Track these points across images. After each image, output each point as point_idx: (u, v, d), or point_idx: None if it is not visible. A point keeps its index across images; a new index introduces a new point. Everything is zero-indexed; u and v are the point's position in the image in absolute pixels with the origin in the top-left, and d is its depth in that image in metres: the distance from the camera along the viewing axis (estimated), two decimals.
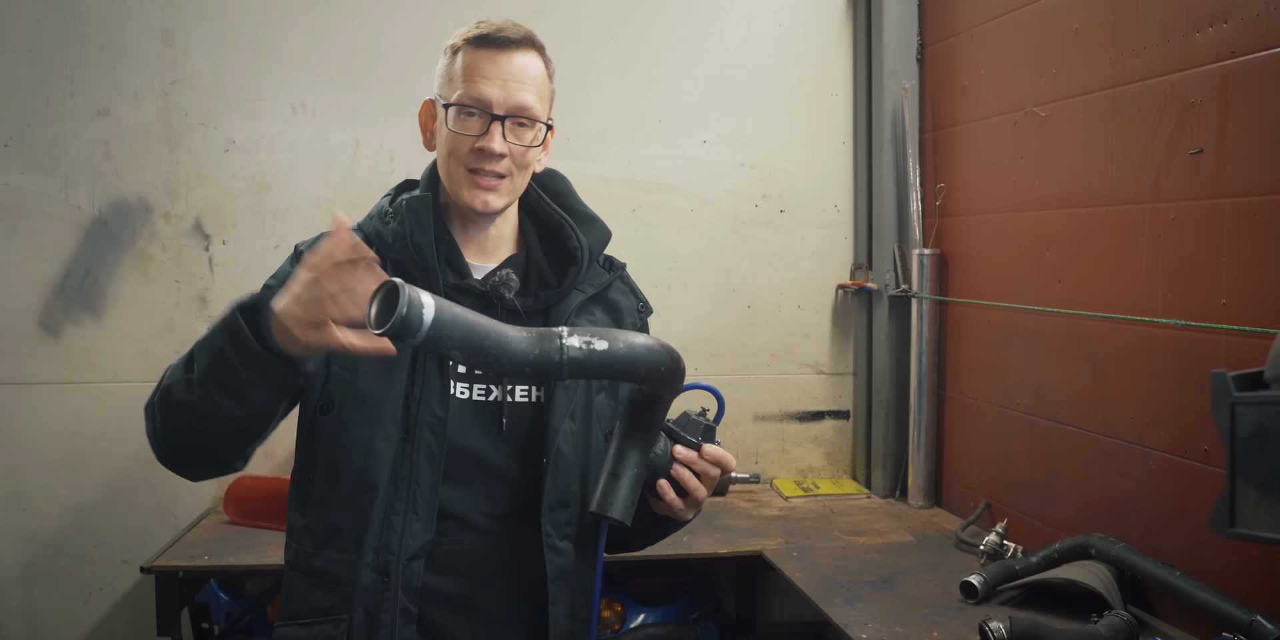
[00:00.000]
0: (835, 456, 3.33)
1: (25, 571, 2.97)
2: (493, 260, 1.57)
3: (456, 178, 1.49)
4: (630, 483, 1.30)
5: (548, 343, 1.13)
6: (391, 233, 1.51)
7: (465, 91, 1.46)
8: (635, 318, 1.64)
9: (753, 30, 3.17)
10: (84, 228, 2.91)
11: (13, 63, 2.86)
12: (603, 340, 1.16)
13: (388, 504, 1.44)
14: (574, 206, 1.64)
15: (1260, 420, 0.89)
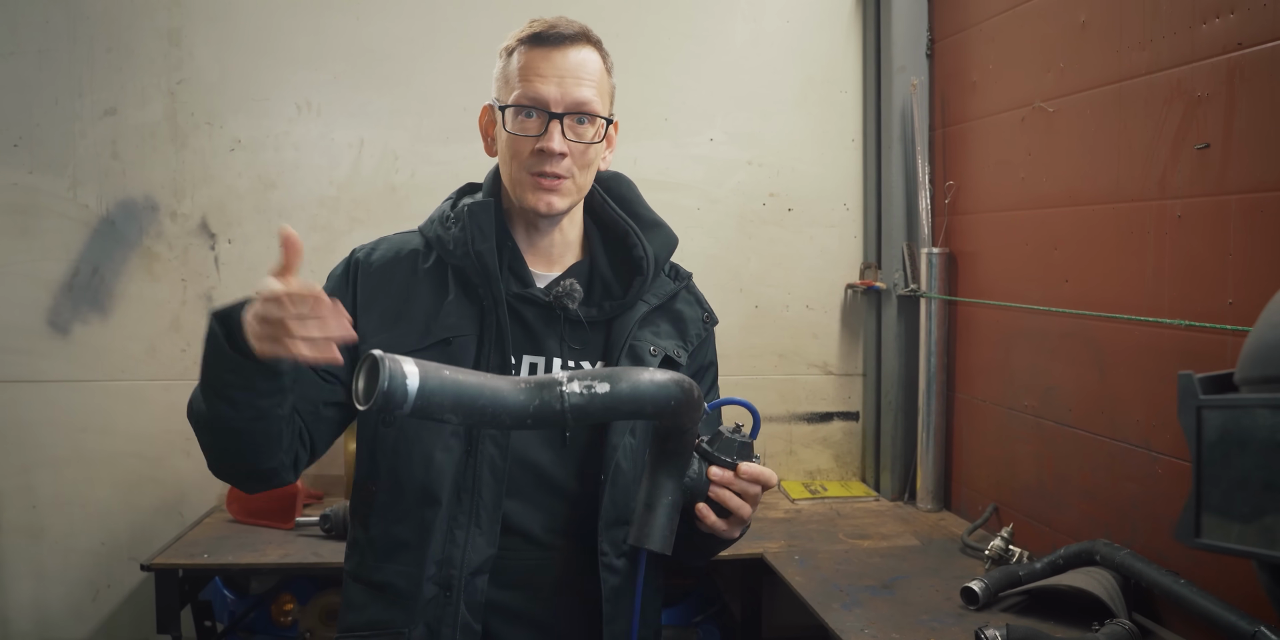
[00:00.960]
0: (844, 458, 3.28)
1: (34, 568, 2.99)
2: (558, 268, 1.55)
3: (519, 181, 1.46)
4: (666, 511, 1.29)
5: (547, 392, 1.12)
6: (453, 239, 1.49)
7: (522, 91, 1.43)
8: (700, 328, 1.63)
9: (760, 27, 3.13)
10: (92, 227, 2.93)
11: (21, 64, 2.88)
12: (604, 383, 1.14)
13: (451, 517, 1.44)
14: (640, 212, 1.61)
15: (1226, 424, 0.85)
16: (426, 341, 1.46)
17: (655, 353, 1.53)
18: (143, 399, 2.97)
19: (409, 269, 1.52)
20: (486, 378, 1.11)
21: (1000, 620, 2.05)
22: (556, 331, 1.51)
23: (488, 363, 1.46)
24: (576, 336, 1.52)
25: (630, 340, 1.51)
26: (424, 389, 1.04)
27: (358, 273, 1.53)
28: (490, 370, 1.45)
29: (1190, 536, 0.86)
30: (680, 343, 1.58)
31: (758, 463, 1.38)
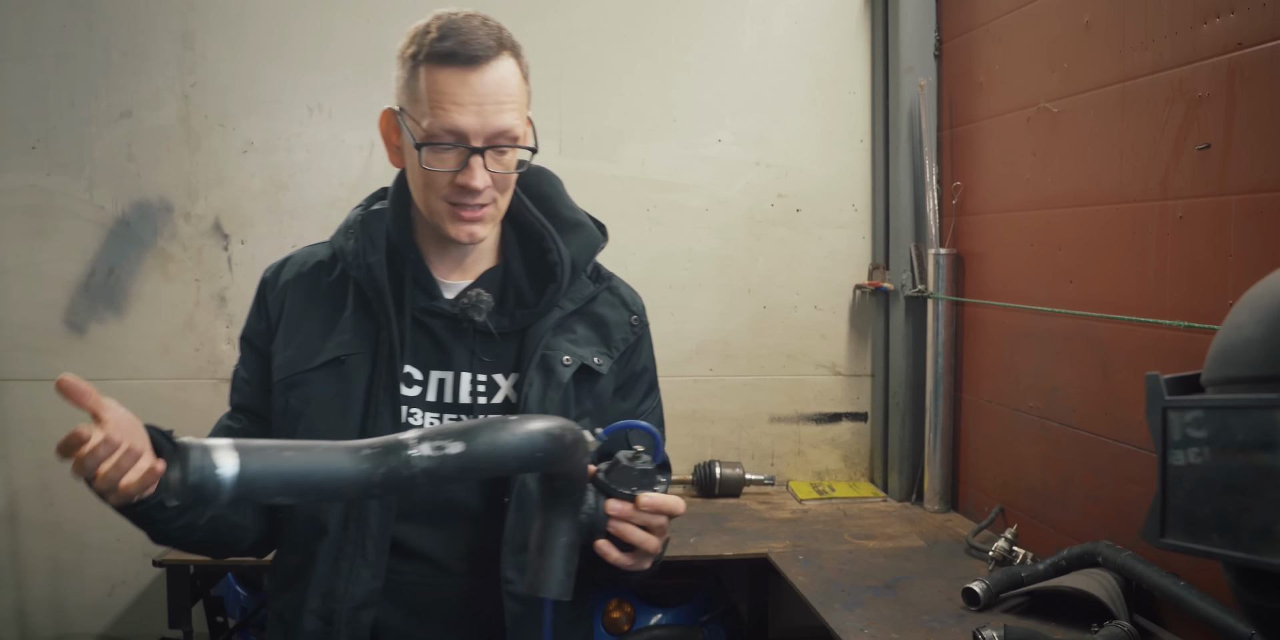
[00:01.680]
0: (853, 459, 3.28)
1: (51, 563, 3.04)
2: (470, 275, 1.45)
3: (436, 210, 1.35)
4: (562, 553, 1.17)
5: (393, 457, 1.00)
6: (350, 251, 1.41)
7: (436, 123, 1.29)
8: (627, 332, 1.49)
9: (769, 28, 3.14)
10: (107, 228, 2.98)
11: (40, 67, 2.93)
12: (458, 442, 1.02)
13: (338, 547, 1.35)
14: (560, 211, 1.48)
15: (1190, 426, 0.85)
16: (318, 360, 1.38)
17: (569, 363, 1.41)
18: (157, 398, 3.01)
19: (312, 284, 1.44)
20: (322, 451, 1.00)
21: (1001, 621, 2.05)
22: (466, 344, 1.41)
23: (380, 382, 1.37)
24: (487, 349, 1.42)
25: (542, 350, 1.41)
26: (244, 476, 0.94)
27: (266, 293, 1.46)
28: (381, 390, 1.37)
29: (1155, 536, 0.87)
30: (603, 349, 1.46)
31: (662, 489, 1.26)
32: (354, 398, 1.37)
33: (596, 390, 1.45)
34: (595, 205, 3.08)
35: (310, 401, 1.37)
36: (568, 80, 3.09)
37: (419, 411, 1.40)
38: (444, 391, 1.41)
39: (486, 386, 1.42)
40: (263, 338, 1.45)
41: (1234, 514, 0.80)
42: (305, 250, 1.51)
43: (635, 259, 3.15)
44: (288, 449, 0.98)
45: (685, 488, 3.15)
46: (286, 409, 1.38)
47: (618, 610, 2.88)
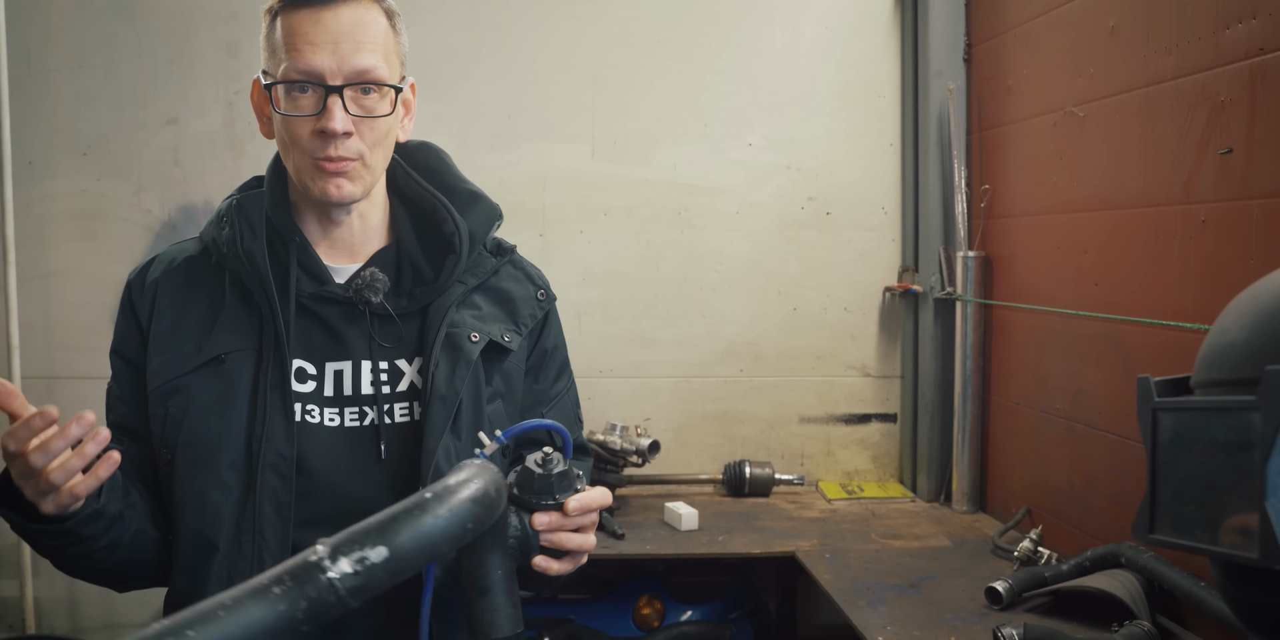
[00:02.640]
0: (882, 460, 3.31)
1: None
2: (360, 258, 1.37)
3: (302, 167, 1.28)
4: (503, 587, 1.11)
5: (310, 587, 0.81)
6: (225, 240, 1.32)
7: (290, 63, 1.23)
8: (534, 307, 1.42)
9: (799, 33, 3.17)
10: (154, 231, 3.08)
11: (90, 77, 3.03)
12: (379, 547, 0.85)
13: (231, 564, 1.24)
14: (452, 183, 1.41)
15: (1176, 426, 0.89)
16: (197, 361, 1.28)
17: (476, 339, 1.33)
18: None
19: (183, 281, 1.35)
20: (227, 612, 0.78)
21: (1022, 620, 2.07)
22: (363, 330, 1.33)
23: (267, 380, 1.28)
24: (387, 333, 1.34)
25: (446, 328, 1.32)
26: None
27: (132, 297, 1.37)
28: (268, 388, 1.27)
29: (1145, 532, 0.90)
30: (510, 326, 1.38)
31: (581, 486, 1.18)
32: (238, 399, 1.27)
33: (506, 368, 1.38)
34: (627, 209, 3.16)
35: (190, 408, 1.27)
36: (600, 85, 3.14)
37: (316, 408, 1.30)
38: (343, 384, 1.32)
39: (389, 374, 1.33)
40: (133, 347, 1.36)
41: (1216, 511, 0.84)
42: (173, 247, 1.42)
43: (667, 261, 3.20)
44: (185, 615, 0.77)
45: (715, 487, 3.20)
46: (166, 418, 1.28)
47: (648, 607, 2.92)
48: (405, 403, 1.32)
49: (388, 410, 1.31)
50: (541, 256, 2.67)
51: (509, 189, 3.07)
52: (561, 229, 3.17)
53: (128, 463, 1.27)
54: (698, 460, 3.24)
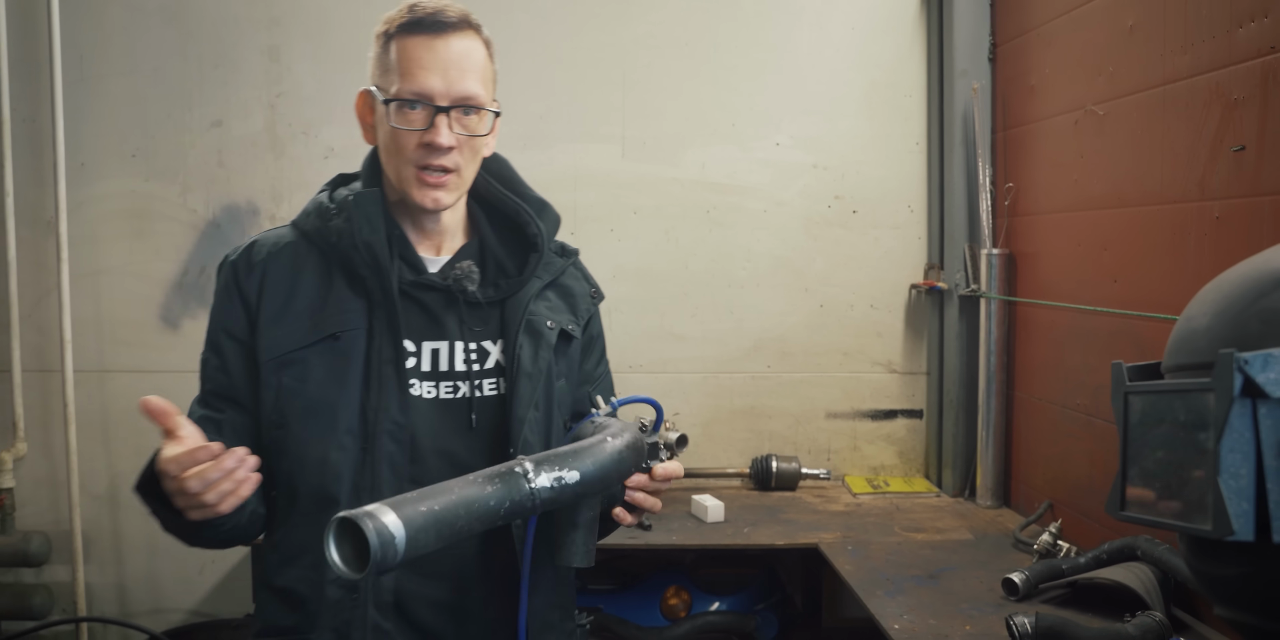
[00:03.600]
0: (908, 455, 3.34)
1: (148, 542, 3.26)
2: (445, 252, 1.53)
3: (405, 177, 1.43)
4: (588, 526, 1.31)
5: (516, 490, 1.10)
6: (337, 231, 1.45)
7: (405, 84, 1.39)
8: (588, 303, 1.62)
9: (825, 34, 3.22)
10: (199, 230, 3.19)
11: (139, 82, 3.15)
12: (572, 471, 1.14)
13: None
14: (524, 191, 1.58)
15: (1144, 408, 0.94)
16: (314, 337, 1.42)
17: (552, 326, 1.52)
18: None
19: (287, 264, 1.48)
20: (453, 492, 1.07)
21: (1038, 611, 2.10)
22: (456, 314, 1.49)
23: (379, 354, 1.43)
24: (475, 317, 1.50)
25: (526, 315, 1.50)
26: (413, 539, 1.00)
27: (236, 277, 1.49)
28: (383, 361, 1.42)
29: (1116, 509, 0.95)
30: (571, 317, 1.57)
31: (664, 457, 1.37)
32: (352, 373, 1.41)
33: (569, 353, 1.57)
34: (657, 207, 3.23)
35: (307, 379, 1.41)
36: (630, 87, 3.21)
37: (416, 381, 1.45)
38: (439, 361, 1.47)
39: (478, 354, 1.49)
40: (239, 323, 1.47)
41: (1177, 487, 0.88)
42: (268, 234, 1.55)
43: (695, 259, 3.26)
44: (427, 497, 1.05)
45: (743, 480, 3.25)
46: (280, 387, 1.42)
47: (675, 597, 2.99)
48: (493, 378, 1.49)
49: (478, 385, 1.48)
50: None
51: (541, 188, 3.07)
52: (592, 227, 3.24)
53: (227, 430, 1.44)
54: (725, 454, 3.30)
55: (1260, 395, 0.80)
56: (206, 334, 1.52)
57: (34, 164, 3.14)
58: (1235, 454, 0.81)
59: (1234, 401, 0.80)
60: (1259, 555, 0.82)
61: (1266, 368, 0.80)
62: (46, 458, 3.21)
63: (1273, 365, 0.80)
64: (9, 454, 3.14)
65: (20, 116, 3.12)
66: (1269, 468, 0.80)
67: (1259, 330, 0.85)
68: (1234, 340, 0.85)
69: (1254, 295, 0.87)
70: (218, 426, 1.44)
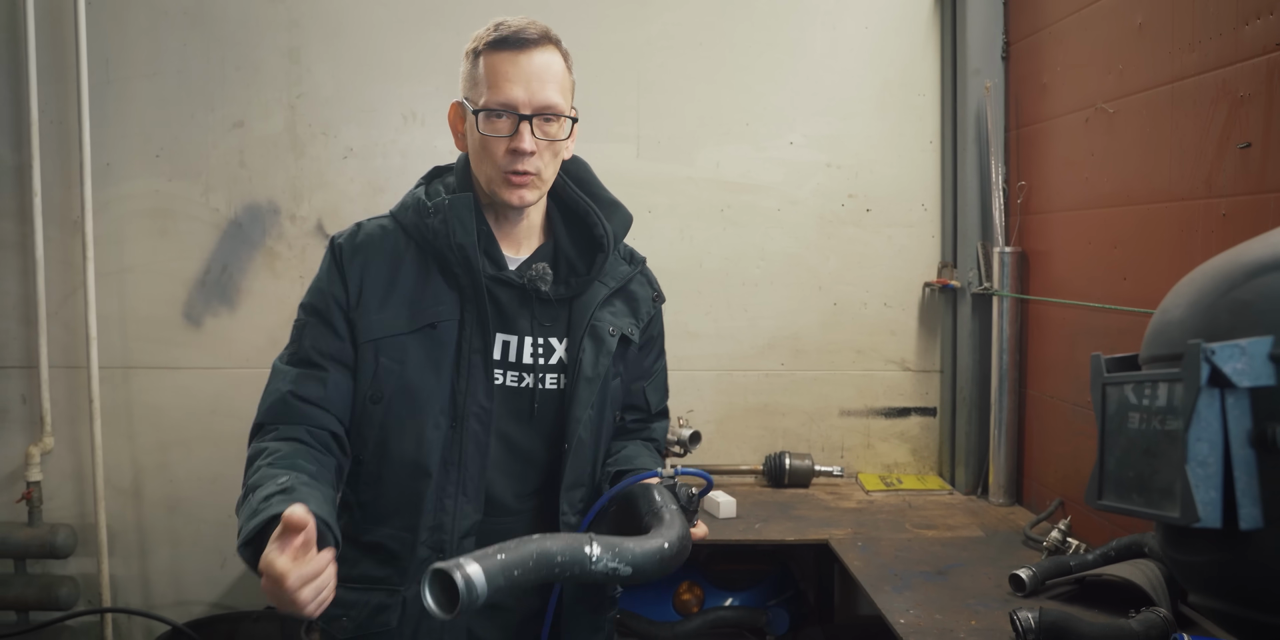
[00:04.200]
0: (922, 453, 3.35)
1: (171, 535, 3.33)
2: (525, 250, 1.68)
3: (493, 178, 1.57)
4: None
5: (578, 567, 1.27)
6: (433, 230, 1.60)
7: (491, 96, 1.53)
8: (650, 306, 1.78)
9: (839, 33, 3.23)
10: (221, 229, 3.24)
11: (164, 84, 3.21)
12: (627, 566, 1.30)
13: (439, 487, 1.58)
14: (597, 192, 1.72)
15: (1120, 399, 0.96)
16: (415, 325, 1.59)
17: (613, 333, 1.67)
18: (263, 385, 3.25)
19: (390, 251, 1.63)
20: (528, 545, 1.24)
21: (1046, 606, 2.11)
22: (528, 311, 1.65)
23: (469, 344, 1.59)
24: (546, 314, 1.65)
25: (592, 321, 1.66)
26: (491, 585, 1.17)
27: (342, 257, 1.63)
28: (473, 351, 1.59)
29: (1094, 499, 0.97)
30: (633, 321, 1.73)
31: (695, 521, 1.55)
32: (445, 360, 1.58)
33: (628, 355, 1.75)
34: (671, 206, 3.26)
35: (405, 362, 1.57)
36: (645, 87, 3.24)
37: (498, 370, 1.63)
38: (509, 352, 1.63)
39: (544, 349, 1.65)
40: (344, 299, 1.60)
41: (1149, 475, 0.90)
42: (370, 222, 1.68)
43: (710, 257, 3.28)
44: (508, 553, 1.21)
45: (756, 477, 3.27)
46: (379, 367, 1.58)
47: (688, 593, 3.01)
48: (555, 373, 1.65)
49: (541, 378, 1.64)
50: None
51: None
52: None
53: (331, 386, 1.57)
54: (739, 451, 3.32)
55: (1228, 385, 0.82)
56: (307, 299, 1.63)
57: (61, 165, 3.21)
58: (1203, 443, 0.83)
59: (1201, 391, 0.82)
60: (1228, 542, 0.84)
61: (1233, 358, 0.82)
62: (73, 452, 3.28)
63: (1239, 356, 0.82)
64: (37, 448, 3.21)
65: (48, 118, 3.19)
66: (1236, 456, 0.82)
67: (1228, 322, 0.86)
68: (1205, 331, 0.87)
69: (1225, 288, 0.89)
70: (322, 382, 1.57)
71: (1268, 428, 0.82)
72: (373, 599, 1.60)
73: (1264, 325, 0.83)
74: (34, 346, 3.21)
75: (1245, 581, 0.86)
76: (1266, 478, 0.82)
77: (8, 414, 3.28)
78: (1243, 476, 0.82)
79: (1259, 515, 0.81)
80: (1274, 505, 0.82)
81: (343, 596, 1.57)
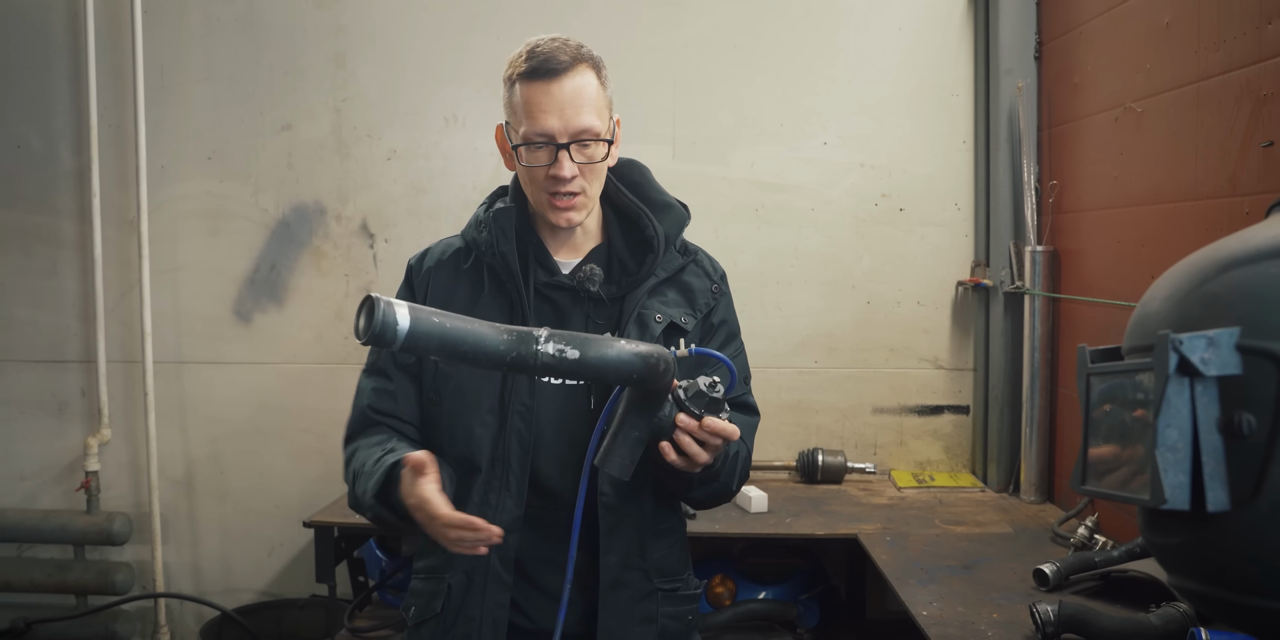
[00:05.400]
0: (954, 450, 3.37)
1: (221, 525, 3.45)
2: (580, 254, 1.75)
3: (540, 201, 1.65)
4: (630, 443, 1.46)
5: (524, 347, 1.28)
6: (484, 242, 1.71)
7: (529, 127, 1.59)
8: (709, 297, 1.78)
9: (872, 35, 3.27)
10: (270, 228, 3.36)
11: (216, 89, 3.33)
12: (575, 350, 1.30)
13: (486, 483, 1.65)
14: (651, 195, 1.77)
15: (1102, 388, 1.00)
16: None
17: (660, 320, 1.69)
18: (311, 380, 3.37)
19: (453, 269, 1.74)
20: (474, 327, 1.26)
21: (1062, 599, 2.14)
22: (583, 310, 1.72)
23: None
24: (599, 313, 1.72)
25: (639, 309, 1.69)
26: (414, 331, 1.20)
27: (414, 279, 1.76)
28: None
29: (1079, 484, 1.01)
30: (688, 310, 1.74)
31: (725, 418, 1.50)
32: None
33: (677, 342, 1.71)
34: (706, 206, 3.32)
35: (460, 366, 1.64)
36: (680, 89, 3.29)
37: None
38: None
39: None
40: None
41: (1126, 461, 0.94)
42: (442, 243, 1.81)
43: (744, 256, 3.33)
44: (448, 318, 1.25)
45: (789, 473, 3.31)
46: (437, 371, 1.69)
47: (721, 586, 3.06)
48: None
49: None
50: None
51: None
52: None
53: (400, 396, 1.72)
54: (773, 448, 3.36)
55: (1196, 374, 0.86)
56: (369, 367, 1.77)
57: (118, 167, 3.35)
58: (1172, 429, 0.87)
59: (1170, 379, 0.86)
60: (1197, 524, 0.88)
61: (1200, 348, 0.86)
62: (128, 443, 3.41)
63: (1206, 346, 0.86)
64: (94, 439, 3.35)
65: (106, 123, 3.33)
66: (1204, 442, 0.86)
67: (1200, 314, 0.90)
68: (1178, 323, 0.91)
69: (1198, 281, 0.93)
70: (392, 396, 1.71)
71: (1234, 415, 0.86)
72: (429, 587, 1.71)
73: (1232, 317, 0.87)
74: (92, 342, 3.36)
75: (1214, 562, 0.89)
76: (1233, 462, 0.86)
77: (68, 407, 3.43)
78: (1210, 461, 0.86)
79: (1226, 498, 0.85)
80: (1240, 489, 0.85)
81: (416, 586, 1.74)
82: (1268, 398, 0.85)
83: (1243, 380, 0.86)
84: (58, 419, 3.45)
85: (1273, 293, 0.87)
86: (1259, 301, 0.88)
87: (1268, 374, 0.85)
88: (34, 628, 3.36)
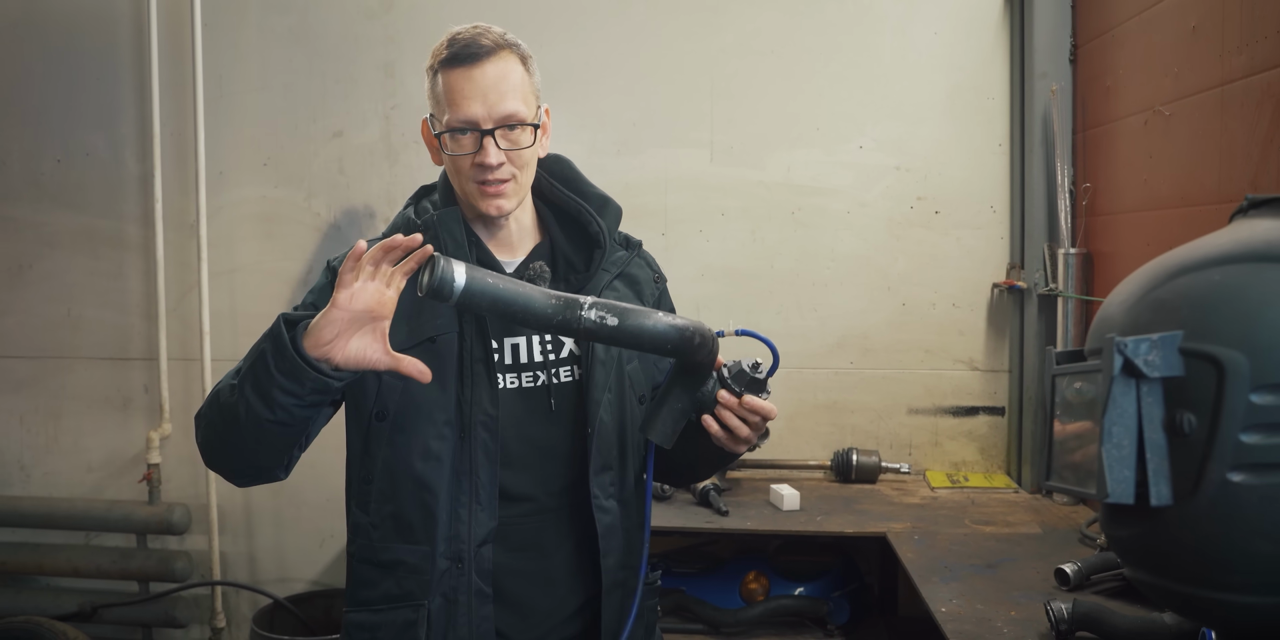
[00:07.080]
0: (989, 451, 3.39)
1: (275, 517, 3.59)
2: (520, 252, 1.68)
3: (468, 191, 1.58)
4: (673, 413, 1.50)
5: (570, 311, 1.35)
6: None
7: (452, 115, 1.54)
8: (652, 288, 1.76)
9: (908, 39, 3.30)
10: (322, 232, 3.49)
11: (271, 97, 3.47)
12: (615, 317, 1.36)
13: (453, 498, 1.55)
14: (585, 190, 1.72)
15: (1064, 389, 1.05)
16: (413, 341, 1.55)
17: None
18: None
19: None
20: (524, 290, 1.33)
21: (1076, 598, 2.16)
22: None
23: (471, 354, 1.58)
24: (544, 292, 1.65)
25: None
26: (469, 289, 1.27)
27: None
28: (474, 360, 1.58)
29: (1043, 480, 1.06)
30: (637, 302, 1.70)
31: (765, 398, 1.52)
32: (449, 371, 1.56)
33: None
34: (744, 209, 3.38)
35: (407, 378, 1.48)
36: (718, 94, 3.36)
37: (499, 374, 1.61)
38: (519, 354, 1.63)
39: (553, 344, 1.65)
40: None
41: (1082, 458, 1.00)
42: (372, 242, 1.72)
43: (781, 258, 3.38)
44: (502, 280, 1.33)
45: (824, 473, 3.36)
46: (382, 385, 1.55)
47: (755, 582, 3.11)
48: (568, 366, 1.64)
49: (554, 373, 1.64)
50: (663, 254, 2.87)
51: (634, 192, 3.34)
52: (682, 228, 3.40)
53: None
54: (808, 447, 3.41)
55: (1142, 376, 0.91)
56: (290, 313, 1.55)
57: (179, 173, 3.50)
58: (1118, 427, 0.92)
59: (1115, 380, 0.92)
60: (1144, 518, 0.93)
61: (1144, 351, 0.91)
62: (188, 438, 3.53)
63: (1148, 349, 0.91)
64: (156, 433, 3.51)
65: (168, 131, 3.48)
66: (1149, 440, 0.91)
67: (1149, 318, 0.95)
68: (1130, 327, 0.97)
69: (1149, 287, 0.98)
70: None
71: (1177, 414, 0.91)
72: (399, 617, 1.58)
73: (1177, 321, 0.92)
74: (154, 340, 3.51)
75: (1160, 554, 0.94)
76: (1176, 459, 0.91)
77: (131, 402, 3.59)
78: (1154, 458, 0.91)
79: (1168, 493, 0.90)
80: (1182, 484, 0.90)
81: (367, 620, 1.59)
82: (1208, 398, 0.90)
83: (1185, 381, 0.91)
84: (122, 413, 3.61)
85: (1215, 298, 0.92)
86: (1202, 307, 0.92)
87: (1208, 376, 0.90)
88: (99, 612, 3.53)
